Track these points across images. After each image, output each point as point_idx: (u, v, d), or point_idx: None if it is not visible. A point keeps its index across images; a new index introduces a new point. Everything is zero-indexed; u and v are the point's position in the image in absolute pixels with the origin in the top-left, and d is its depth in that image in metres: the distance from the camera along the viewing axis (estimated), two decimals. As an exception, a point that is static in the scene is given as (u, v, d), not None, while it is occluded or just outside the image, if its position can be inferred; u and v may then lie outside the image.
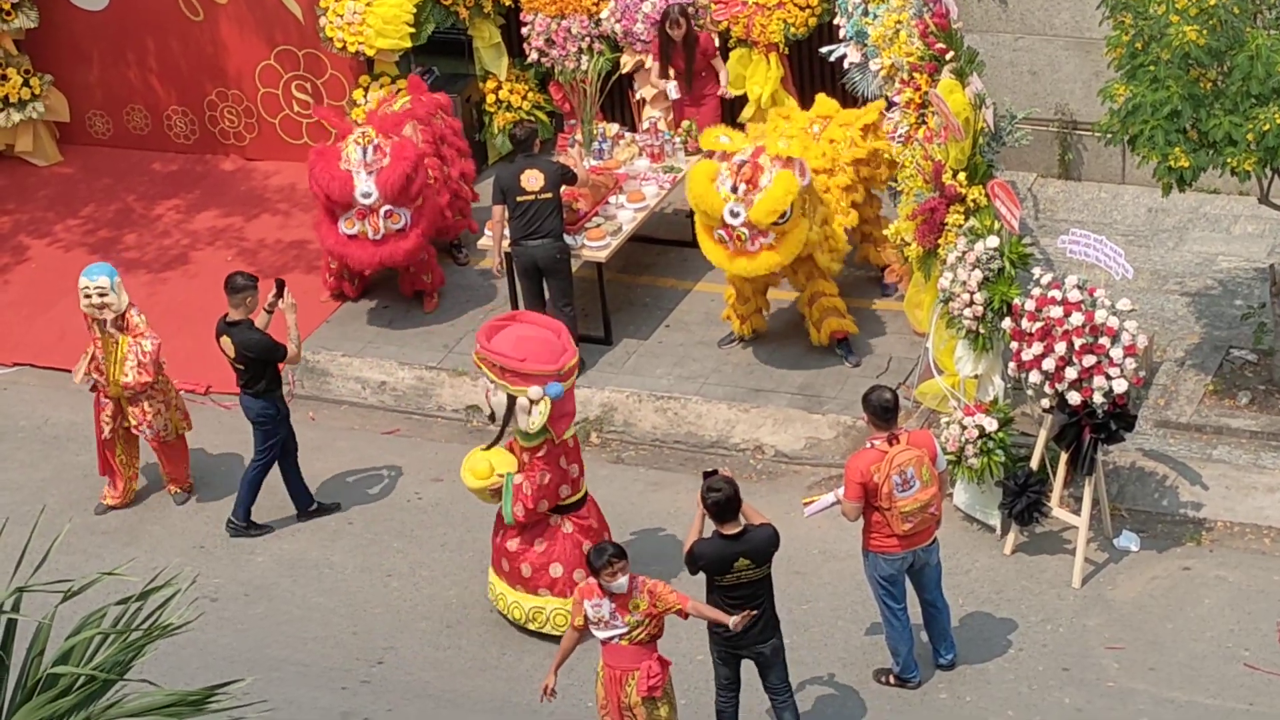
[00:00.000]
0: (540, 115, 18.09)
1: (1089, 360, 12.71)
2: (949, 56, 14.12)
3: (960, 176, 13.70)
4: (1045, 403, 13.11)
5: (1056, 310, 12.82)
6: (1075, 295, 12.84)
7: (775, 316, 15.82)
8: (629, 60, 17.34)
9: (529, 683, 12.70)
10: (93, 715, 9.12)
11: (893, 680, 12.63)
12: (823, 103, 15.89)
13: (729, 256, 14.80)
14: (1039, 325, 12.88)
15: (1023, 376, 13.09)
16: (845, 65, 16.03)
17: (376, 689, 13.02)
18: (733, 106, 17.32)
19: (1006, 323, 13.13)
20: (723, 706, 11.96)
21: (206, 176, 18.92)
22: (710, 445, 15.01)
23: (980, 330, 13.38)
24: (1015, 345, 13.05)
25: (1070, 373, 12.76)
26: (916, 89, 14.47)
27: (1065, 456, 13.36)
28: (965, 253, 13.35)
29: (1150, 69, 13.16)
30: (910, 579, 12.35)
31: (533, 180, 15.27)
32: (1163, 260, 16.07)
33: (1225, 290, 15.63)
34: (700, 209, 14.75)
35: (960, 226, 13.61)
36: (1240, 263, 15.91)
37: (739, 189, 14.52)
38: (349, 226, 15.95)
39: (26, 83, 18.86)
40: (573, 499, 13.15)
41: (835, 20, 16.20)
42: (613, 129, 16.93)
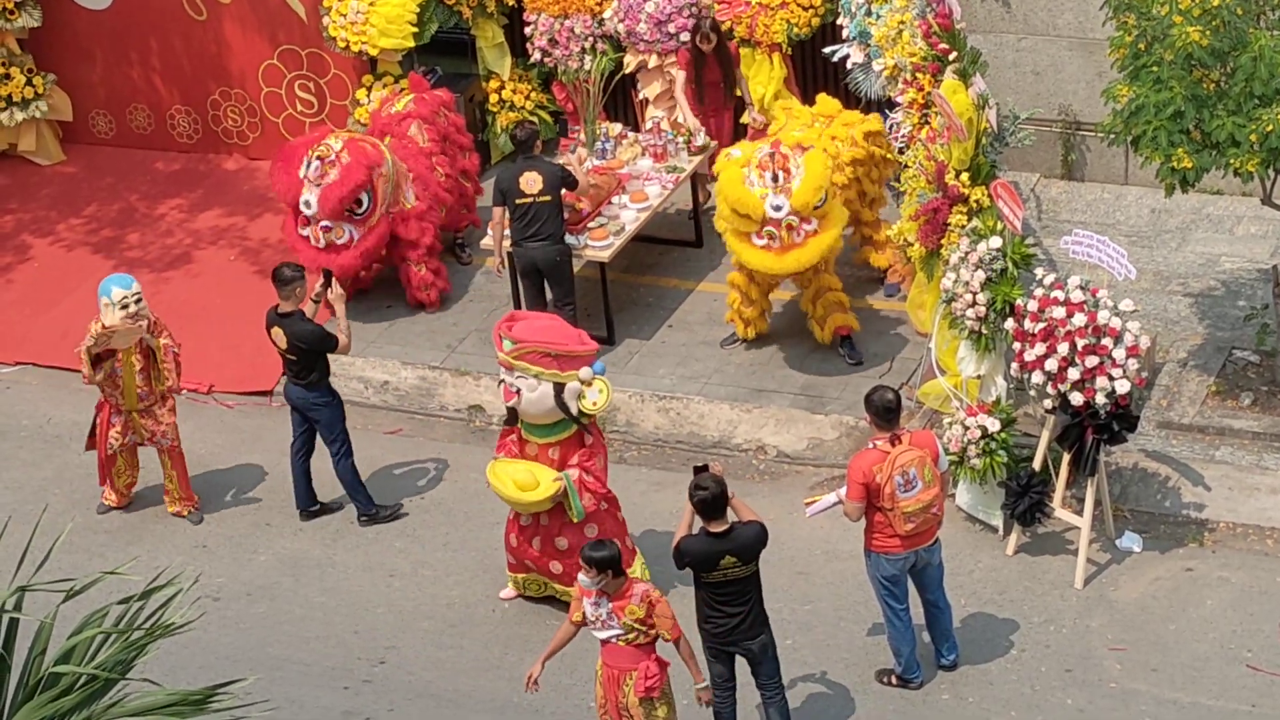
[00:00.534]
0: (543, 115, 18.08)
1: (1092, 361, 12.70)
2: (952, 57, 14.11)
3: (963, 177, 13.69)
4: (1048, 403, 13.10)
5: (1059, 311, 12.81)
6: (1078, 296, 12.83)
7: (777, 317, 15.81)
8: (632, 60, 17.33)
9: (531, 683, 12.73)
10: (94, 714, 9.12)
11: (895, 681, 12.63)
12: (824, 102, 15.88)
13: (777, 255, 14.55)
14: (1042, 326, 12.86)
15: (1025, 377, 13.08)
16: (848, 65, 16.05)
17: (378, 688, 13.01)
18: (734, 108, 17.31)
19: (1009, 323, 13.11)
20: (719, 706, 11.95)
21: (209, 176, 18.90)
22: (712, 445, 14.99)
23: (983, 331, 13.37)
24: (1018, 346, 13.04)
25: (1073, 373, 12.75)
26: (920, 89, 14.46)
27: (1068, 457, 13.35)
28: (968, 253, 13.35)
29: (1153, 70, 13.16)
30: (912, 579, 12.35)
31: (531, 183, 15.25)
32: (1165, 261, 16.06)
33: (1228, 291, 15.62)
34: (741, 213, 14.44)
35: (963, 227, 13.60)
36: (1243, 263, 15.90)
37: (778, 178, 14.43)
38: (301, 226, 16.04)
39: (30, 82, 18.83)
40: None
41: (838, 20, 16.22)
42: (616, 129, 16.92)
